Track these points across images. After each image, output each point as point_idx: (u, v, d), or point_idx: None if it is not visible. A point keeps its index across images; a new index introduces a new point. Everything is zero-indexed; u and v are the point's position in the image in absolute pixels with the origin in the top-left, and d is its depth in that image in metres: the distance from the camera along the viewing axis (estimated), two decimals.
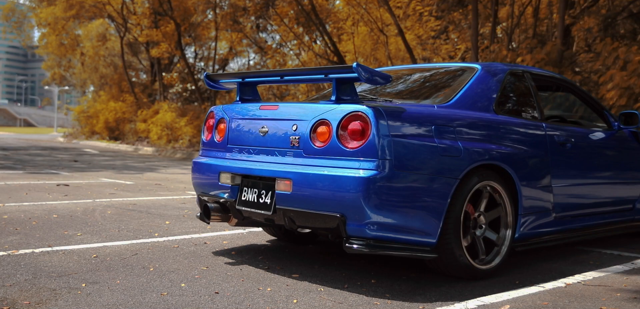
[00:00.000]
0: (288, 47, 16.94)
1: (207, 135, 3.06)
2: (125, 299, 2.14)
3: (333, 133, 2.42)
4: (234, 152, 2.83)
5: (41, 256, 2.75)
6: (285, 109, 2.73)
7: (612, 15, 10.06)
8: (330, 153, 2.43)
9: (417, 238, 2.40)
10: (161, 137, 17.95)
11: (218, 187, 2.81)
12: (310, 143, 2.49)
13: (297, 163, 2.52)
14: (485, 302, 2.25)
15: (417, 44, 13.04)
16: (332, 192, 2.36)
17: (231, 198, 2.74)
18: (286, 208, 2.51)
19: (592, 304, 2.28)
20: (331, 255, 3.04)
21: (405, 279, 2.58)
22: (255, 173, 2.65)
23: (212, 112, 3.04)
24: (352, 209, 2.32)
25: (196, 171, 3.01)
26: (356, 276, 2.60)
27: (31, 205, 4.41)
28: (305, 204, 2.45)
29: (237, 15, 16.04)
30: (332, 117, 2.44)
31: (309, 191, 2.43)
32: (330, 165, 2.41)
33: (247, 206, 2.67)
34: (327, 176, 2.38)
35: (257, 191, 2.64)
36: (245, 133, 2.80)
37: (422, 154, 2.41)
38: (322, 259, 2.91)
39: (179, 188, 6.22)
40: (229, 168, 2.78)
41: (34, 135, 33.88)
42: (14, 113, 74.17)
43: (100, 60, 25.20)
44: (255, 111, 2.82)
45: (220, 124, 2.94)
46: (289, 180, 2.49)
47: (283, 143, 2.61)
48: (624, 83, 7.81)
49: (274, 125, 2.67)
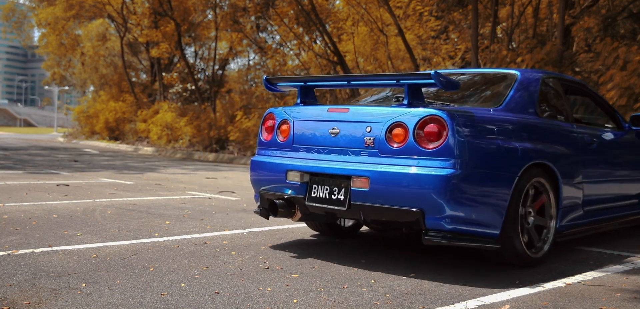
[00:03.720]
0: (288, 47, 16.94)
1: (266, 135, 3.20)
2: (125, 299, 2.14)
3: (410, 135, 2.64)
4: (301, 152, 3.00)
5: (41, 256, 2.75)
6: (357, 112, 2.88)
7: (612, 15, 10.05)
8: (408, 153, 2.63)
9: (484, 230, 2.65)
10: (161, 137, 17.94)
11: (285, 185, 2.98)
12: (386, 143, 2.70)
13: (373, 162, 2.71)
14: (485, 302, 2.25)
15: (417, 44, 13.04)
16: (411, 189, 2.58)
17: (299, 195, 2.91)
18: (362, 204, 2.70)
19: (592, 304, 2.28)
20: (331, 255, 3.04)
21: (405, 279, 2.58)
22: (327, 172, 2.84)
23: (271, 113, 3.20)
24: (431, 204, 2.55)
25: (258, 169, 3.17)
26: (356, 276, 2.60)
27: (31, 205, 4.41)
28: (383, 200, 2.66)
29: (237, 15, 16.04)
30: (408, 120, 2.66)
31: (388, 188, 2.64)
32: (408, 164, 2.62)
33: (318, 202, 2.84)
34: (407, 174, 2.59)
35: (329, 188, 2.82)
36: (313, 134, 2.97)
37: (489, 154, 2.67)
38: (322, 259, 2.91)
39: (179, 188, 6.22)
40: (297, 167, 2.95)
41: (34, 135, 33.85)
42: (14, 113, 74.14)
43: (100, 60, 25.19)
44: (324, 113, 2.99)
45: (283, 125, 3.11)
46: (366, 178, 2.69)
47: (357, 143, 2.79)
48: (624, 83, 7.81)
49: (345, 126, 2.84)
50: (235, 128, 14.69)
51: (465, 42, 12.47)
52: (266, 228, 3.79)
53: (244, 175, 8.96)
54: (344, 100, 14.24)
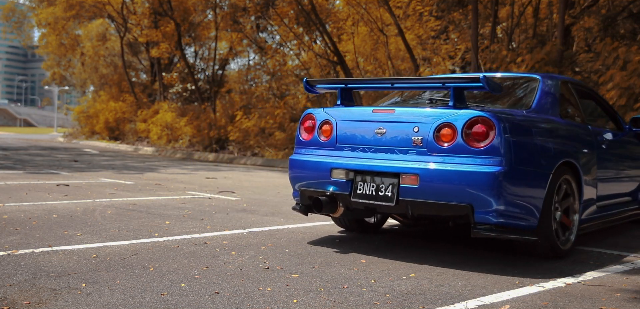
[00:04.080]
0: (288, 47, 16.93)
1: (306, 135, 3.36)
2: (125, 299, 2.14)
3: (458, 135, 2.83)
4: (346, 151, 3.16)
5: (41, 256, 2.75)
6: (403, 113, 3.06)
7: (612, 15, 10.05)
8: (456, 152, 2.83)
9: (525, 223, 2.85)
10: (161, 137, 17.93)
11: (329, 182, 3.14)
12: (435, 143, 2.88)
13: (423, 160, 2.89)
14: (485, 302, 2.25)
15: (417, 43, 13.03)
16: (461, 185, 2.78)
17: (344, 192, 3.07)
18: (410, 199, 2.89)
19: (592, 304, 2.28)
20: (331, 255, 3.04)
21: (405, 279, 2.58)
22: (374, 169, 3.01)
23: (311, 114, 3.36)
24: (480, 200, 2.76)
25: (299, 167, 3.31)
26: (356, 276, 2.60)
27: (31, 205, 4.41)
28: (432, 196, 2.84)
29: (237, 15, 16.04)
30: (457, 121, 2.85)
31: (438, 185, 2.82)
32: (457, 162, 2.81)
33: (364, 199, 3.01)
34: (458, 172, 2.79)
35: (376, 185, 2.99)
36: (357, 134, 3.14)
37: (528, 152, 2.89)
38: (322, 259, 2.91)
39: (179, 188, 6.22)
40: (342, 165, 3.11)
41: (33, 135, 33.83)
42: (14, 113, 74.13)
43: (100, 60, 25.19)
44: (368, 114, 3.16)
45: (325, 125, 3.27)
46: (415, 175, 2.87)
47: (404, 143, 2.97)
48: (624, 83, 7.81)
49: (391, 126, 3.03)
50: (235, 128, 14.69)
51: (465, 42, 12.46)
52: (266, 228, 3.79)
53: (244, 175, 8.96)
54: None
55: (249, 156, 13.84)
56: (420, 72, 11.53)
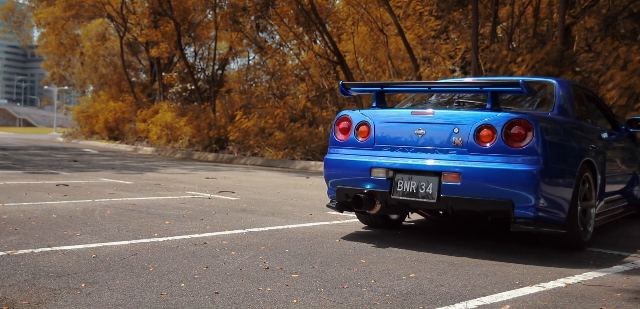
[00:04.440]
0: (288, 47, 16.91)
1: (342, 136, 3.52)
2: (125, 299, 2.13)
3: (498, 136, 3.03)
4: (385, 151, 3.33)
5: (40, 256, 2.74)
6: (443, 115, 3.25)
7: (612, 15, 10.04)
8: (496, 151, 3.03)
9: (557, 217, 3.09)
10: (161, 137, 17.92)
11: (368, 180, 3.30)
12: (475, 143, 3.08)
13: (464, 159, 3.09)
14: (485, 302, 2.25)
15: (417, 43, 13.02)
16: (503, 183, 2.98)
17: (383, 190, 3.24)
18: (452, 196, 3.07)
19: (593, 304, 2.27)
20: (331, 255, 3.04)
21: (405, 279, 2.57)
22: (415, 168, 3.19)
23: (346, 116, 3.52)
24: (520, 196, 2.97)
25: (336, 166, 3.47)
26: (356, 276, 2.59)
27: (30, 205, 4.40)
28: (474, 193, 3.04)
29: (236, 15, 16.03)
30: (497, 122, 3.05)
31: (479, 183, 3.02)
32: (498, 161, 3.02)
33: (405, 196, 3.19)
34: (499, 170, 2.99)
35: (416, 183, 3.17)
36: (396, 134, 3.32)
37: (559, 151, 3.13)
38: (322, 260, 2.91)
39: (179, 188, 6.22)
40: (382, 164, 3.28)
41: (33, 135, 33.80)
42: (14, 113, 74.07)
43: (100, 59, 25.17)
44: (407, 115, 3.35)
45: (362, 126, 3.44)
46: (457, 173, 3.06)
47: (444, 143, 3.15)
48: (625, 83, 7.80)
49: (431, 128, 3.21)
50: (235, 128, 14.68)
51: (465, 42, 12.45)
52: (266, 228, 3.79)
53: (244, 175, 8.95)
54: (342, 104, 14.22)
55: (249, 156, 13.83)
56: (420, 72, 11.52)
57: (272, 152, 13.40)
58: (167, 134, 18.02)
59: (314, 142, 12.68)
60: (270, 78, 17.38)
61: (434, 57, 12.94)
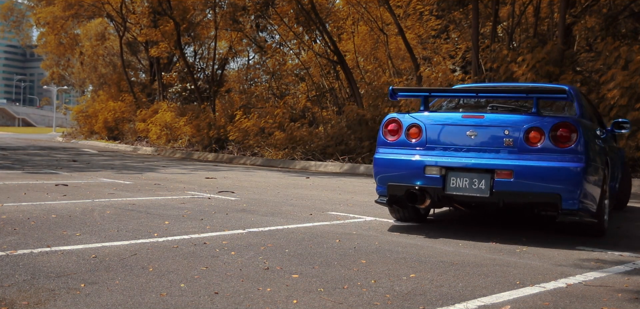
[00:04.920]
0: (288, 47, 16.89)
1: (391, 137, 3.82)
2: (124, 299, 2.12)
3: (546, 137, 3.42)
4: (437, 150, 3.65)
5: (40, 257, 2.74)
6: (493, 118, 3.61)
7: (613, 15, 10.02)
8: (545, 151, 3.42)
9: (591, 208, 3.47)
10: (160, 137, 17.91)
11: (421, 178, 3.62)
12: (525, 143, 3.45)
13: (515, 158, 3.46)
14: (485, 302, 2.24)
15: (417, 43, 13.00)
16: (552, 179, 3.38)
17: (436, 186, 3.57)
18: (504, 191, 3.43)
19: (593, 304, 2.26)
20: (330, 255, 3.03)
21: (406, 279, 2.57)
22: (468, 166, 3.53)
23: (395, 119, 3.84)
24: (567, 190, 3.37)
25: (388, 165, 3.77)
26: (356, 276, 2.59)
27: (30, 205, 4.39)
28: (525, 188, 3.40)
29: (236, 15, 16.01)
30: (544, 125, 3.45)
31: (530, 179, 3.39)
32: (547, 160, 3.41)
33: (458, 191, 3.53)
34: (549, 167, 3.38)
35: (469, 180, 3.51)
36: (448, 135, 3.65)
37: (594, 150, 3.59)
38: (321, 260, 2.90)
39: (178, 188, 6.21)
40: (435, 163, 3.60)
41: (32, 135, 33.76)
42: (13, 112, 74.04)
43: (99, 59, 25.16)
44: (458, 118, 3.70)
45: (412, 128, 3.74)
46: (510, 170, 3.42)
47: (496, 143, 3.52)
48: (626, 82, 7.78)
49: (482, 130, 3.57)
50: (234, 127, 14.67)
51: (465, 42, 12.43)
52: (266, 228, 3.78)
53: (244, 175, 8.94)
54: (342, 103, 14.20)
55: (249, 156, 13.82)
56: (421, 72, 11.51)
57: (272, 151, 13.39)
58: (166, 134, 18.00)
59: (314, 142, 12.66)
60: (270, 78, 17.37)
61: (434, 57, 12.92)
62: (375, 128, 11.68)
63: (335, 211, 4.70)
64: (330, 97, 14.85)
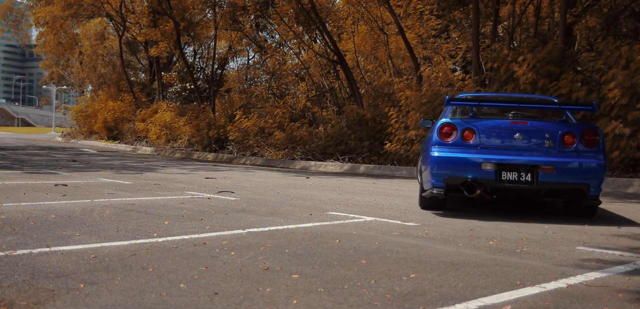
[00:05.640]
0: (288, 46, 16.88)
1: (446, 139, 4.60)
2: (124, 300, 2.12)
3: (577, 140, 4.48)
4: (490, 150, 4.52)
5: (39, 257, 2.73)
6: (535, 124, 4.61)
7: (614, 14, 10.01)
8: (577, 151, 4.48)
9: (599, 194, 4.54)
10: (160, 137, 17.89)
11: (477, 172, 4.45)
12: (562, 145, 4.49)
13: (555, 156, 4.45)
14: (486, 303, 2.23)
15: (417, 42, 12.99)
16: (583, 173, 4.43)
17: (490, 179, 4.44)
18: (546, 182, 4.41)
19: (594, 305, 2.26)
20: (330, 255, 3.02)
21: (406, 280, 2.56)
22: (517, 162, 4.43)
23: (449, 123, 4.62)
24: (593, 181, 4.42)
25: (446, 162, 4.53)
26: (356, 276, 2.58)
27: (29, 205, 4.38)
28: (563, 179, 4.42)
29: (236, 14, 16.00)
30: (576, 130, 4.51)
31: (567, 173, 4.42)
32: (579, 157, 4.45)
33: (509, 183, 4.43)
34: (581, 162, 4.43)
35: (517, 173, 4.42)
36: (498, 138, 4.56)
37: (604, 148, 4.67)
38: (322, 260, 2.89)
39: (178, 188, 6.20)
40: (490, 160, 4.46)
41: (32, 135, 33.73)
42: (12, 112, 74.00)
43: (99, 59, 25.13)
44: (507, 124, 4.60)
45: (466, 132, 4.57)
46: (552, 166, 4.39)
47: (538, 145, 4.51)
48: (627, 82, 7.77)
49: (527, 134, 4.52)
50: (234, 127, 14.66)
51: (466, 41, 12.42)
52: (266, 228, 3.77)
53: (243, 175, 8.93)
54: (342, 103, 14.17)
55: (249, 156, 13.81)
56: (421, 71, 11.50)
57: (272, 151, 13.38)
58: (166, 134, 17.98)
59: (313, 142, 12.65)
60: (270, 78, 17.35)
61: (434, 56, 12.91)
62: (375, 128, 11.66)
63: (335, 211, 4.69)
64: (330, 96, 14.84)
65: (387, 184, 8.10)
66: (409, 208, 5.06)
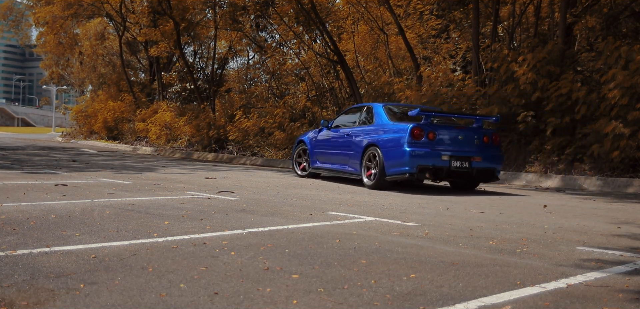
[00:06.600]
0: (288, 46, 16.87)
1: (416, 139, 6.67)
2: (124, 300, 2.12)
3: (490, 140, 7.02)
4: (444, 145, 6.76)
5: (39, 257, 2.73)
6: (470, 130, 7.02)
7: (614, 14, 10.00)
8: (490, 147, 7.02)
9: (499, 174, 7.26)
10: (160, 137, 17.89)
11: (439, 161, 6.65)
12: (483, 143, 6.95)
13: (481, 150, 6.89)
14: (486, 303, 2.23)
15: (417, 42, 12.99)
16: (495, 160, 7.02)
17: (446, 166, 6.67)
18: (477, 167, 6.80)
19: (594, 305, 2.26)
20: (331, 255, 3.02)
21: (406, 280, 2.56)
22: (461, 155, 6.76)
23: (418, 126, 6.66)
24: (499, 166, 7.15)
25: (419, 155, 6.61)
26: (356, 276, 2.58)
27: (29, 205, 4.38)
28: (486, 165, 6.92)
29: (236, 14, 16.00)
30: (489, 134, 7.07)
31: (488, 160, 6.91)
32: (491, 151, 6.99)
33: (456, 169, 6.72)
34: (493, 154, 7.00)
35: (461, 162, 6.73)
36: (450, 139, 6.84)
37: None
38: (322, 260, 2.89)
39: (178, 188, 6.20)
40: (447, 153, 6.71)
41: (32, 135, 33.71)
42: (12, 112, 74.00)
43: (99, 59, 25.12)
44: (455, 130, 6.95)
45: (430, 134, 6.67)
46: (480, 156, 6.84)
47: (472, 143, 6.90)
48: (627, 82, 7.77)
49: (464, 136, 6.90)
50: (234, 127, 14.66)
51: (466, 41, 12.41)
52: (266, 228, 3.78)
53: (243, 175, 8.93)
54: (342, 103, 14.15)
55: (249, 156, 13.80)
56: (421, 71, 11.50)
57: (272, 151, 13.37)
58: (166, 134, 17.97)
59: None
60: (270, 78, 17.34)
61: (434, 57, 12.90)
62: None
63: (335, 211, 4.69)
64: (330, 96, 14.83)
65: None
66: (408, 208, 5.06)
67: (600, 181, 7.97)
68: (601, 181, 7.96)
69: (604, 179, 7.99)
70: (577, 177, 8.33)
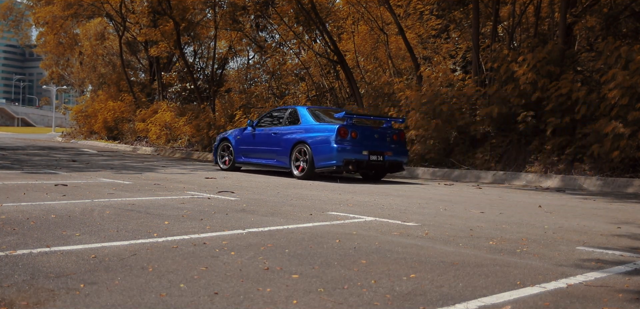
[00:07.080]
0: (288, 46, 16.87)
1: (343, 137, 7.93)
2: (124, 300, 2.12)
3: (398, 137, 8.61)
4: (364, 143, 8.09)
5: (39, 257, 2.73)
6: (384, 128, 8.52)
7: (614, 14, 10.01)
8: (398, 143, 8.59)
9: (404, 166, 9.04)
10: (160, 137, 17.89)
11: (361, 155, 7.98)
12: (393, 140, 8.50)
13: (392, 147, 8.42)
14: (486, 303, 2.23)
15: (417, 42, 12.99)
16: (401, 154, 8.53)
17: (365, 159, 8.04)
18: (389, 160, 8.30)
19: (594, 305, 2.26)
20: (331, 255, 3.02)
21: (406, 280, 2.56)
22: (377, 150, 8.19)
23: (343, 127, 7.94)
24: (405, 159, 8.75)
25: (345, 150, 7.91)
26: (356, 276, 2.58)
27: (29, 205, 4.38)
28: (395, 158, 8.43)
29: (236, 14, 16.00)
30: (398, 133, 8.66)
31: (397, 155, 8.45)
32: (400, 146, 8.59)
33: (373, 162, 8.12)
34: (400, 149, 8.57)
35: (377, 156, 8.16)
36: (368, 137, 8.20)
37: None
38: (322, 260, 2.89)
39: (178, 188, 6.20)
40: (367, 148, 8.08)
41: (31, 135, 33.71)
42: (12, 112, 73.98)
43: (99, 59, 25.11)
44: (372, 129, 8.38)
45: (352, 133, 7.97)
46: (391, 151, 8.38)
47: (386, 141, 8.39)
48: (627, 82, 7.77)
49: (381, 135, 8.36)
50: (234, 127, 14.65)
51: (466, 41, 12.42)
52: (266, 228, 3.78)
53: (243, 175, 8.94)
54: (342, 103, 14.14)
55: None
56: (421, 71, 11.50)
57: None
58: (166, 134, 17.97)
59: None
60: (270, 78, 17.35)
61: (434, 57, 12.90)
62: None
63: (335, 211, 4.70)
64: (330, 96, 14.83)
65: (386, 184, 8.11)
66: (408, 208, 5.06)
67: (600, 181, 7.98)
68: (601, 181, 7.96)
69: (604, 179, 7.99)
70: (577, 177, 8.33)
